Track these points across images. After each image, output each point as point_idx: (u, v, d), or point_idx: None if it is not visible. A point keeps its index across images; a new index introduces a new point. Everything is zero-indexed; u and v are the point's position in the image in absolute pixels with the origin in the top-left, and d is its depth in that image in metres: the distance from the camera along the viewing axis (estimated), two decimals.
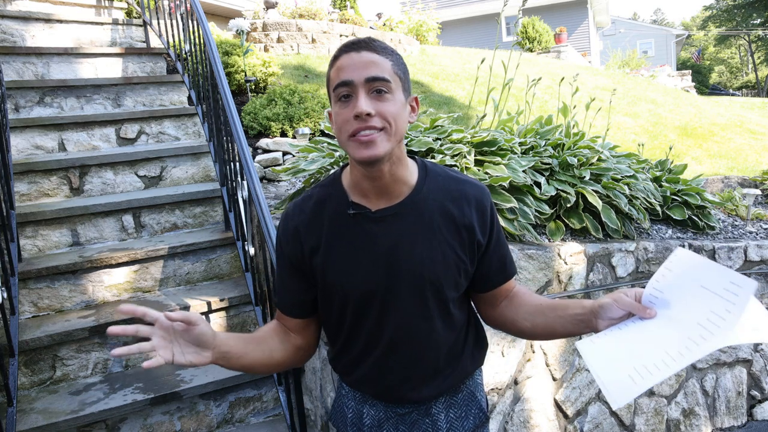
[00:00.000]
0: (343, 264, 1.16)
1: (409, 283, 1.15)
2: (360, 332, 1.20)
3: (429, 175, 1.18)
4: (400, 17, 8.68)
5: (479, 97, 4.91)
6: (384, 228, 1.14)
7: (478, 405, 1.33)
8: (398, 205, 1.15)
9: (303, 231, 1.18)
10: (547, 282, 2.83)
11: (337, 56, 1.08)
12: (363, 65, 1.04)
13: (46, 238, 2.72)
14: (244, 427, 2.29)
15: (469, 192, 1.20)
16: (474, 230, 1.18)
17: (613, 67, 15.07)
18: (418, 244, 1.15)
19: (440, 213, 1.16)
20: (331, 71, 1.08)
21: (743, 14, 32.05)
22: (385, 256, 1.14)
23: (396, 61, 1.09)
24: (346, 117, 1.04)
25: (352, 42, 1.08)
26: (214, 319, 2.52)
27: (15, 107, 3.48)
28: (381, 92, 1.04)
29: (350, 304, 1.17)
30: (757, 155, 5.53)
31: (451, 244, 1.16)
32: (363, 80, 1.03)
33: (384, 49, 1.08)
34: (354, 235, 1.15)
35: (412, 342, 1.19)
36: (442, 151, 2.77)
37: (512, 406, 2.77)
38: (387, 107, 1.04)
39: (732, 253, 3.52)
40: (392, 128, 1.05)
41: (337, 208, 1.16)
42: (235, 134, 2.44)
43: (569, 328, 1.16)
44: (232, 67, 4.03)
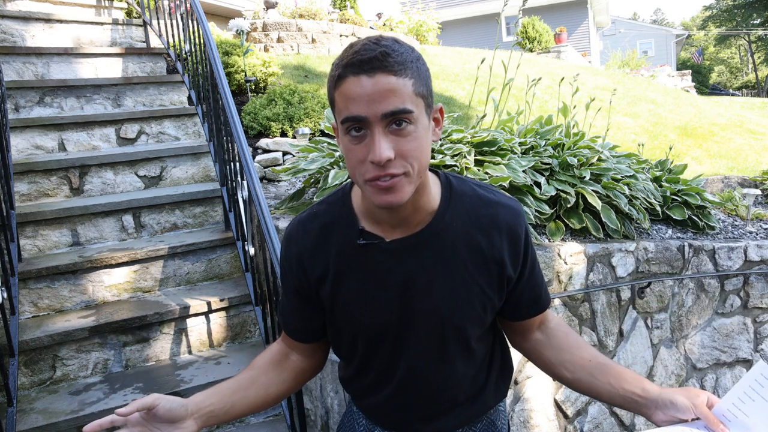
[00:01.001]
0: (353, 294, 1.02)
1: (425, 323, 1.02)
2: (372, 365, 1.09)
3: (453, 198, 1.01)
4: (400, 17, 8.68)
5: (479, 97, 4.91)
6: (399, 260, 1.00)
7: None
8: (416, 235, 0.99)
9: (307, 258, 1.04)
10: (547, 282, 2.83)
11: (343, 76, 0.85)
12: (378, 96, 0.83)
13: (46, 238, 2.72)
14: (244, 427, 2.29)
15: (501, 218, 1.03)
16: (505, 264, 1.03)
17: (613, 67, 15.08)
18: (438, 280, 1.00)
19: (466, 244, 1.00)
20: (336, 94, 0.87)
21: (743, 14, 32.05)
22: (399, 293, 1.00)
23: (417, 76, 0.87)
24: (359, 157, 0.87)
25: (361, 58, 0.83)
26: (214, 319, 2.52)
27: (15, 107, 3.48)
28: (402, 125, 0.85)
29: (361, 338, 1.06)
30: (757, 155, 5.53)
31: (476, 280, 1.01)
32: (379, 117, 0.83)
33: (401, 65, 0.85)
34: (364, 266, 1.01)
35: (428, 381, 1.07)
36: (442, 151, 2.77)
37: (512, 406, 2.77)
38: (409, 146, 0.86)
39: (732, 253, 3.52)
40: (416, 169, 0.88)
41: (345, 235, 1.01)
42: (235, 134, 2.44)
43: (617, 400, 1.06)
44: (232, 67, 4.04)
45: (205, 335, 2.51)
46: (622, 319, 3.16)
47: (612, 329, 3.12)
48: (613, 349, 3.14)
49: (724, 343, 3.61)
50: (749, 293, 3.65)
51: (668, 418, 0.98)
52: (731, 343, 3.63)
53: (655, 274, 3.24)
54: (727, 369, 3.66)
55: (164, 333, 2.42)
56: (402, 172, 0.86)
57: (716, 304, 3.57)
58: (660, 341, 3.33)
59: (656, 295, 3.26)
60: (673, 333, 3.40)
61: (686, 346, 3.47)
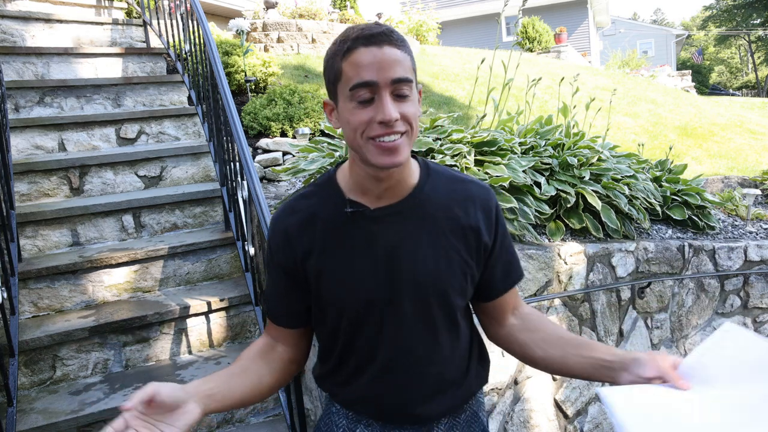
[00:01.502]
0: (339, 268, 1.06)
1: (412, 289, 1.06)
2: (357, 344, 1.10)
3: (431, 175, 1.10)
4: (400, 17, 8.69)
5: (479, 97, 4.91)
6: (384, 228, 1.05)
7: (482, 426, 1.24)
8: (399, 203, 1.06)
9: (294, 233, 1.08)
10: (547, 282, 2.83)
11: (352, 48, 0.94)
12: (387, 64, 0.93)
13: (46, 238, 2.72)
14: (244, 427, 2.29)
15: (474, 192, 1.12)
16: (480, 232, 1.09)
17: (613, 67, 15.08)
18: (421, 247, 1.06)
19: (444, 214, 1.08)
20: (345, 65, 0.95)
21: (743, 14, 32.04)
22: (385, 259, 1.05)
23: (410, 52, 1.00)
24: (365, 119, 0.95)
25: (370, 33, 0.94)
26: (214, 319, 2.52)
27: (15, 107, 3.48)
28: (404, 93, 0.96)
29: (347, 313, 1.08)
30: (757, 155, 5.53)
31: (456, 248, 1.08)
32: (389, 82, 0.94)
33: (402, 42, 0.97)
34: (351, 236, 1.05)
35: (414, 356, 1.09)
36: (442, 151, 2.77)
37: (512, 406, 2.77)
38: (409, 110, 0.96)
39: (732, 253, 3.52)
40: (413, 131, 0.98)
41: (332, 208, 1.07)
42: (235, 134, 2.44)
43: (588, 370, 1.09)
44: (232, 67, 4.04)
45: (205, 335, 2.51)
46: (622, 319, 3.16)
47: (612, 329, 3.12)
48: None
49: None
50: (749, 293, 3.65)
51: (633, 377, 1.01)
52: None
53: (655, 274, 3.24)
54: None
55: (164, 333, 2.42)
56: (404, 131, 0.96)
57: (716, 304, 3.57)
58: (660, 341, 3.33)
59: (656, 295, 3.26)
60: (673, 333, 3.40)
61: (686, 346, 3.47)
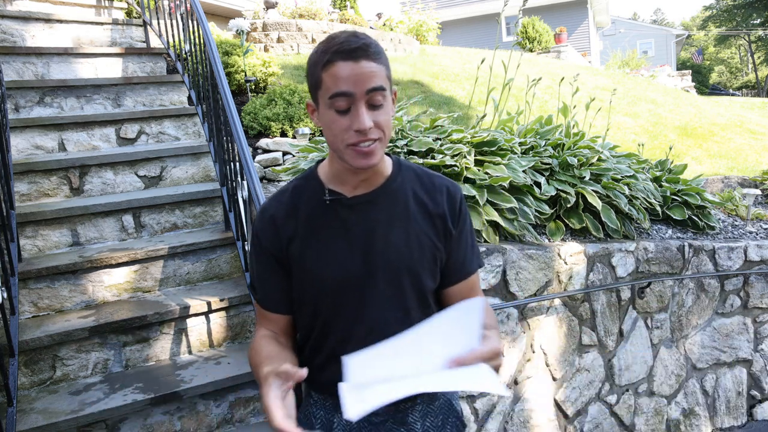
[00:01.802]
0: (319, 253, 1.16)
1: (385, 270, 1.15)
2: (333, 326, 1.18)
3: (402, 168, 1.22)
4: (400, 17, 8.69)
5: (479, 97, 4.91)
6: (359, 214, 1.16)
7: (456, 414, 1.30)
8: (373, 192, 1.17)
9: (279, 220, 1.18)
10: (547, 282, 2.83)
11: (332, 60, 1.04)
12: (363, 76, 1.03)
13: (46, 238, 2.72)
14: (244, 427, 2.29)
15: (442, 184, 1.23)
16: (446, 218, 1.20)
17: (613, 67, 15.07)
18: (393, 230, 1.16)
19: (414, 202, 1.19)
20: (325, 75, 1.05)
21: (743, 14, 32.02)
22: (361, 243, 1.15)
23: (386, 64, 1.09)
24: (343, 127, 1.06)
25: (349, 48, 1.03)
26: (214, 319, 2.52)
27: (15, 107, 3.48)
28: (379, 103, 1.06)
29: (326, 295, 1.16)
30: (757, 155, 5.53)
31: (426, 232, 1.18)
32: (363, 92, 1.04)
33: (378, 54, 1.06)
34: (330, 222, 1.16)
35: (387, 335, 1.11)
36: (442, 151, 2.77)
37: (512, 406, 2.77)
38: (383, 117, 1.07)
39: (732, 253, 3.52)
40: (386, 136, 1.09)
41: (313, 197, 1.18)
42: (235, 134, 2.44)
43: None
44: (232, 67, 4.03)
45: (205, 335, 2.51)
46: (622, 319, 3.16)
47: (612, 329, 3.12)
48: (613, 349, 3.14)
49: (724, 343, 3.61)
50: (749, 293, 3.65)
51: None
52: (731, 343, 3.63)
53: (655, 274, 3.24)
54: (727, 369, 3.66)
55: (164, 333, 2.42)
56: (377, 138, 1.07)
57: (716, 304, 3.56)
58: (660, 341, 3.33)
59: (656, 295, 3.26)
60: (673, 333, 3.40)
61: (686, 346, 3.47)
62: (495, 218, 2.69)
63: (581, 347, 3.00)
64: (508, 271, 2.69)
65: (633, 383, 3.22)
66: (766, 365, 3.74)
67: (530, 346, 2.81)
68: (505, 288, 2.69)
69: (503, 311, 2.68)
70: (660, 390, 3.35)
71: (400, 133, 2.91)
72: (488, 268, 2.63)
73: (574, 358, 2.98)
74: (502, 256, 2.67)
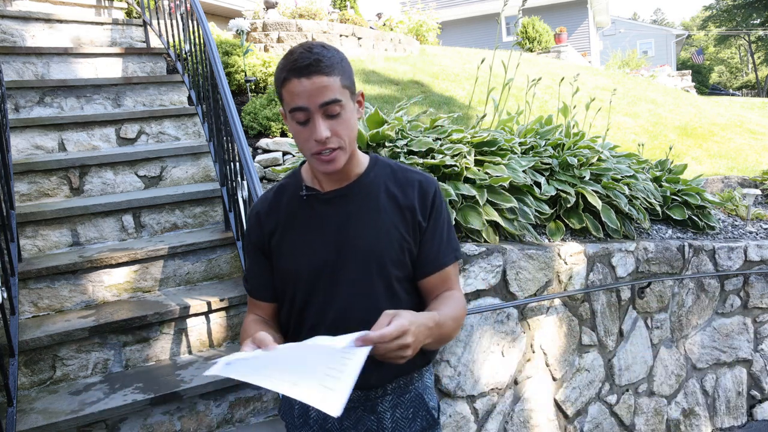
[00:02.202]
0: (296, 244, 1.26)
1: (355, 257, 1.23)
2: (308, 311, 1.27)
3: (378, 165, 1.30)
4: (400, 17, 8.68)
5: (479, 97, 4.91)
6: (333, 208, 1.25)
7: (426, 407, 1.35)
8: (347, 187, 1.26)
9: (263, 216, 1.30)
10: (547, 282, 2.83)
11: (287, 78, 1.12)
12: (316, 92, 1.11)
13: (46, 238, 2.72)
14: (244, 427, 2.29)
15: (414, 178, 1.30)
16: (415, 211, 1.26)
17: (613, 67, 15.07)
18: (364, 221, 1.24)
19: (385, 194, 1.26)
20: (283, 90, 1.14)
21: (743, 14, 32.01)
22: (334, 235, 1.24)
23: (343, 72, 1.15)
24: (305, 137, 1.15)
25: (301, 65, 1.11)
26: (214, 319, 2.52)
27: (15, 107, 3.48)
28: (335, 112, 1.13)
29: (300, 283, 1.26)
30: (757, 155, 5.53)
31: (395, 224, 1.25)
32: (317, 106, 1.12)
33: (331, 67, 1.12)
34: (306, 216, 1.26)
35: (354, 319, 1.21)
36: (442, 151, 2.77)
37: (512, 406, 2.77)
38: (341, 127, 1.15)
39: (732, 253, 3.52)
40: (347, 143, 1.17)
41: (293, 194, 1.29)
42: (235, 134, 2.44)
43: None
44: (232, 67, 4.03)
45: (205, 335, 2.51)
46: (622, 319, 3.16)
47: (612, 329, 3.12)
48: (613, 349, 3.14)
49: (724, 343, 3.61)
50: (749, 293, 3.65)
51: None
52: (731, 343, 3.63)
53: (655, 274, 3.24)
54: (727, 369, 3.66)
55: (164, 333, 2.42)
56: (337, 146, 1.16)
57: (716, 304, 3.56)
58: (660, 341, 3.33)
59: (656, 295, 3.26)
60: (673, 333, 3.40)
61: (686, 346, 3.47)
62: (495, 218, 2.69)
63: (581, 347, 3.00)
64: (508, 271, 2.69)
65: (633, 383, 3.22)
66: (766, 365, 3.74)
67: (530, 346, 2.81)
68: (505, 288, 2.69)
69: (503, 311, 2.68)
70: (660, 390, 3.35)
71: (400, 133, 2.91)
72: (488, 268, 2.63)
73: (574, 358, 2.98)
74: (502, 256, 2.67)
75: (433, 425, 1.36)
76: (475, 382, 2.60)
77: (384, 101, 4.47)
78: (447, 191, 2.58)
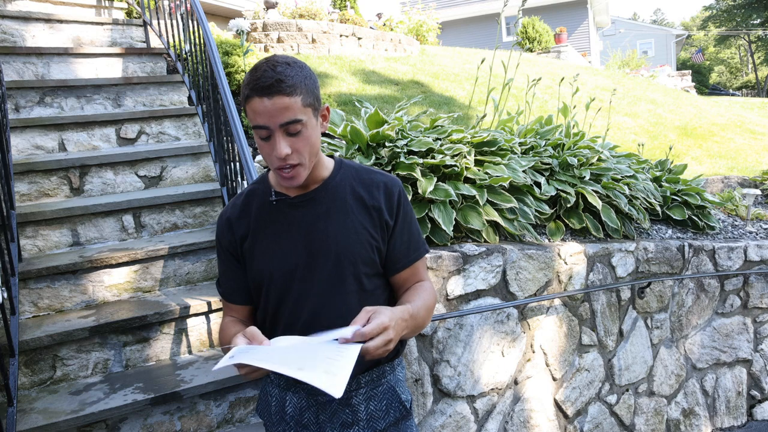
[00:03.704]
0: (267, 247, 1.30)
1: (326, 258, 1.27)
2: (282, 312, 1.31)
3: (343, 168, 1.35)
4: (400, 17, 8.68)
5: (479, 97, 4.91)
6: (302, 212, 1.30)
7: (399, 399, 1.40)
8: (314, 191, 1.31)
9: (234, 221, 1.34)
10: (547, 282, 2.83)
11: (250, 96, 1.15)
12: (276, 112, 1.14)
13: (47, 238, 2.72)
14: (244, 427, 2.29)
15: (379, 179, 1.34)
16: (382, 211, 1.31)
17: (613, 67, 15.06)
18: (332, 223, 1.29)
19: (352, 196, 1.31)
20: (247, 108, 1.18)
21: (743, 14, 32.00)
22: (303, 237, 1.28)
23: (305, 91, 1.17)
24: (267, 152, 1.20)
25: (263, 85, 1.13)
26: (214, 319, 2.52)
27: (15, 107, 3.48)
28: (296, 131, 1.17)
29: (273, 285, 1.29)
30: (757, 155, 5.53)
31: (362, 223, 1.30)
32: (278, 126, 1.15)
33: (293, 87, 1.15)
34: (276, 221, 1.30)
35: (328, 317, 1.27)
36: (442, 151, 2.77)
37: (512, 406, 2.77)
38: (301, 144, 1.18)
39: (732, 253, 3.52)
40: (308, 159, 1.21)
41: (262, 199, 1.33)
42: (235, 134, 2.44)
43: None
44: (232, 67, 4.04)
45: (205, 335, 2.51)
46: (622, 319, 3.16)
47: (612, 329, 3.12)
48: (613, 349, 3.14)
49: (724, 343, 3.61)
50: (749, 293, 3.65)
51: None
52: (731, 343, 3.63)
53: (655, 274, 3.24)
54: (727, 369, 3.66)
55: (164, 333, 2.42)
56: (297, 163, 1.20)
57: (716, 304, 3.57)
58: (660, 341, 3.33)
59: (656, 295, 3.26)
60: (673, 333, 3.40)
61: (686, 346, 3.48)
62: (495, 218, 2.69)
63: (581, 347, 3.00)
64: (508, 271, 2.69)
65: (633, 383, 3.22)
66: (766, 365, 3.74)
67: (530, 346, 2.81)
68: (505, 288, 2.70)
69: (503, 311, 2.68)
70: (660, 390, 3.35)
71: (400, 133, 2.91)
72: (488, 268, 2.63)
73: (574, 358, 2.98)
74: (502, 256, 2.67)
75: (407, 416, 1.41)
76: (475, 382, 2.60)
77: (384, 101, 4.47)
78: (447, 191, 2.58)
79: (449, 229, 2.52)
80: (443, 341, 2.52)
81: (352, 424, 1.34)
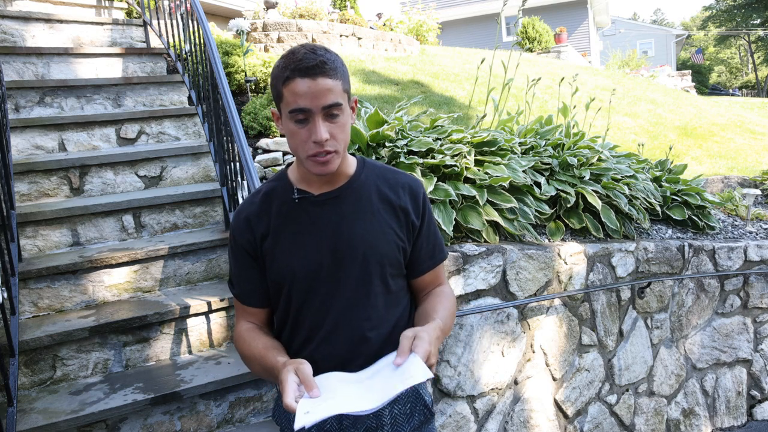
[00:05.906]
0: (290, 246, 1.25)
1: (352, 259, 1.24)
2: (306, 314, 1.27)
3: (366, 167, 1.32)
4: (400, 17, 8.68)
5: (479, 97, 4.91)
6: (326, 210, 1.26)
7: (423, 402, 1.37)
8: (339, 189, 1.27)
9: (254, 220, 1.28)
10: (547, 282, 2.83)
11: (290, 77, 1.12)
12: (320, 93, 1.11)
13: (47, 238, 2.72)
14: (244, 427, 2.29)
15: (404, 180, 1.33)
16: (409, 212, 1.30)
17: (613, 67, 15.07)
18: (358, 223, 1.25)
19: (378, 196, 1.29)
20: (284, 90, 1.14)
21: (743, 14, 32.00)
22: (328, 236, 1.25)
23: (344, 77, 1.16)
24: (303, 138, 1.15)
25: (307, 65, 1.11)
26: (214, 319, 2.52)
27: (15, 107, 3.48)
28: (336, 114, 1.15)
29: (296, 286, 1.25)
30: (757, 155, 5.53)
31: (389, 224, 1.27)
32: (320, 108, 1.12)
33: (335, 70, 1.14)
34: (299, 219, 1.26)
35: (355, 319, 1.25)
36: (442, 151, 2.77)
37: (512, 406, 2.77)
38: (339, 130, 1.16)
39: (732, 253, 3.52)
40: (342, 148, 1.19)
41: (283, 197, 1.28)
42: (235, 134, 2.44)
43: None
44: (232, 67, 4.04)
45: (206, 335, 2.51)
46: (622, 319, 3.16)
47: (612, 329, 3.12)
48: (613, 349, 3.14)
49: (724, 343, 3.61)
50: (749, 293, 3.65)
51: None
52: (731, 343, 3.63)
53: (655, 274, 3.24)
54: (727, 369, 3.66)
55: (164, 333, 2.42)
56: (333, 150, 1.16)
57: (716, 304, 3.57)
58: (660, 341, 3.33)
59: (656, 295, 3.26)
60: (673, 333, 3.40)
61: (686, 346, 3.48)
62: (495, 218, 2.69)
63: (581, 347, 3.00)
64: (508, 271, 2.69)
65: (633, 383, 3.22)
66: (766, 365, 3.74)
67: (530, 346, 2.81)
68: (505, 288, 2.70)
69: (503, 311, 2.68)
70: (660, 390, 3.35)
71: (401, 133, 2.91)
72: (488, 268, 2.63)
73: (574, 358, 2.98)
74: (502, 256, 2.67)
75: (430, 419, 1.39)
76: (475, 382, 2.60)
77: (384, 101, 4.47)
78: (447, 191, 2.58)
79: (449, 229, 2.52)
80: (443, 341, 2.52)
81: (376, 429, 1.31)
